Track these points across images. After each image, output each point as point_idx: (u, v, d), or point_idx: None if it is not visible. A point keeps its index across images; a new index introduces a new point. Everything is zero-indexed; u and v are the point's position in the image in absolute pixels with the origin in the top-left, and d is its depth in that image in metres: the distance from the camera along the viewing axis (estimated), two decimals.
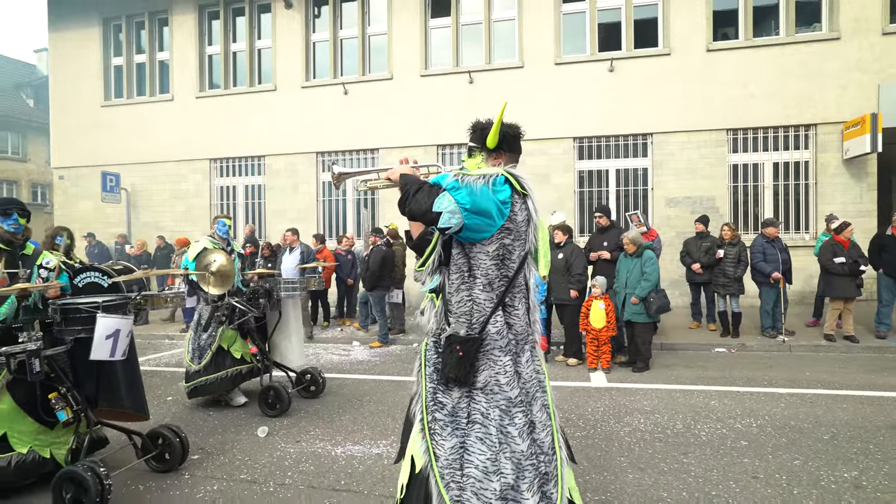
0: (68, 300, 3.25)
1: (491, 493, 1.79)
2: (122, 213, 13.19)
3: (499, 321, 1.93)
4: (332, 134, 12.02)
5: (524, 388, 1.93)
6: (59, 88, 13.96)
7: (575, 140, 10.91)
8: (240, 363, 4.99)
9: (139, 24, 13.45)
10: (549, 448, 1.90)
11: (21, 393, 3.15)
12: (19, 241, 3.46)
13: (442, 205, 1.87)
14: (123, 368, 3.49)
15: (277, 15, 12.36)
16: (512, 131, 2.18)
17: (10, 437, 3.14)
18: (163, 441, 3.51)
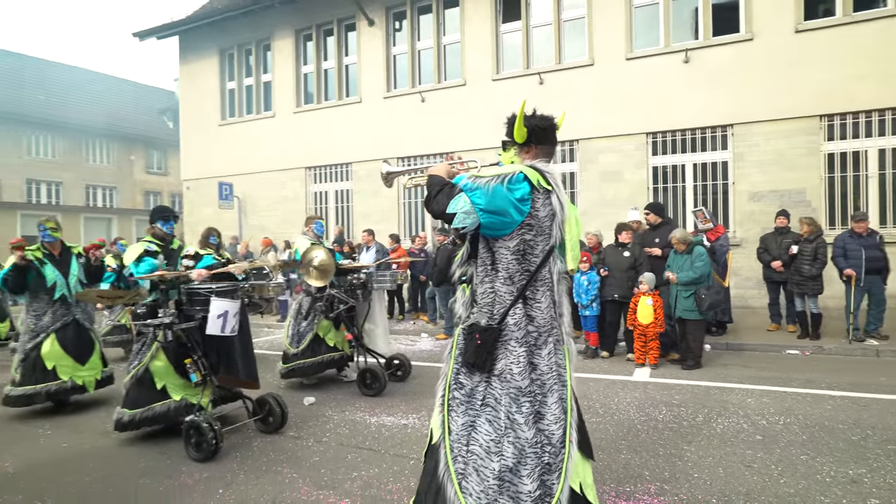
0: (192, 285, 3.99)
1: (490, 471, 1.90)
2: (234, 217, 15.03)
3: (517, 313, 2.01)
4: (410, 140, 12.79)
5: (539, 379, 1.99)
6: (187, 111, 16.24)
7: (648, 136, 10.65)
8: (332, 351, 5.51)
9: (248, 51, 15.24)
10: (559, 441, 1.95)
11: (172, 355, 4.03)
12: (170, 240, 4.45)
13: (457, 206, 1.97)
14: (240, 344, 4.10)
15: (361, 32, 13.40)
16: (542, 124, 2.20)
17: (168, 388, 4.02)
18: (268, 407, 4.15)
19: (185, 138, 16.32)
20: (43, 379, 4.78)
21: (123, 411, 3.97)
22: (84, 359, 4.99)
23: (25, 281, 4.81)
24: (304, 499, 3.03)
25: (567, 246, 2.10)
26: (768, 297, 8.11)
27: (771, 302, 8.01)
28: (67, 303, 4.98)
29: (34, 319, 4.92)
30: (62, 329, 4.92)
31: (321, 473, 3.36)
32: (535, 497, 1.88)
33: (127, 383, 4.04)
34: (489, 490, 1.89)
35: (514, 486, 1.88)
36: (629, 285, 6.35)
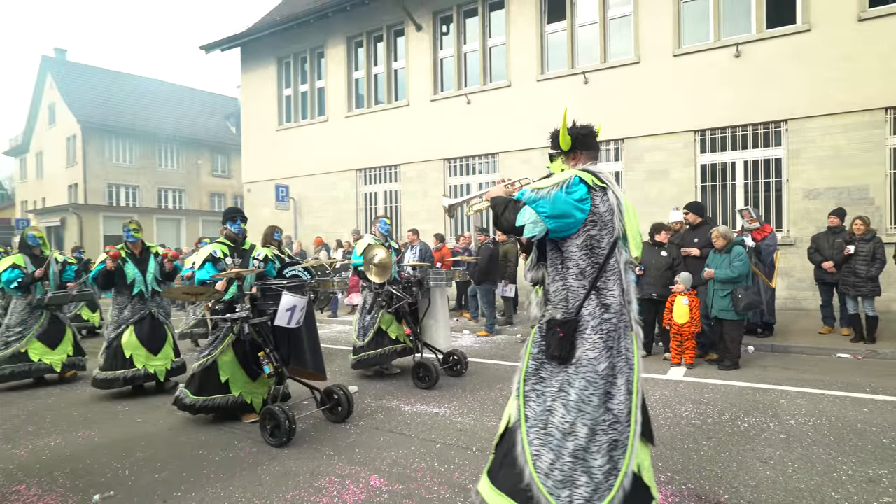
0: (266, 282, 4.33)
1: (565, 450, 2.04)
2: (290, 217, 15.85)
3: (592, 304, 2.15)
4: (456, 142, 13.08)
5: (612, 362, 2.12)
6: (247, 117, 17.26)
7: (696, 133, 10.43)
8: (394, 343, 5.77)
9: (303, 59, 16.02)
10: (625, 419, 2.09)
11: (240, 352, 4.31)
12: (240, 240, 4.72)
13: (524, 218, 2.18)
14: (307, 337, 4.28)
15: (410, 38, 13.81)
16: (584, 131, 2.38)
17: (230, 382, 4.32)
18: (336, 397, 4.35)
19: (245, 143, 17.36)
20: (122, 366, 5.29)
21: (186, 392, 4.34)
22: (157, 350, 5.46)
23: (113, 280, 5.37)
24: (339, 472, 3.36)
25: (629, 235, 2.23)
26: (820, 298, 7.81)
27: (823, 304, 7.71)
28: (144, 298, 5.47)
29: (117, 312, 5.48)
30: (139, 322, 5.43)
31: (355, 452, 3.69)
32: (604, 471, 2.02)
33: (195, 369, 4.38)
34: (564, 467, 2.03)
35: (587, 462, 2.02)
36: (666, 284, 6.35)
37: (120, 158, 27.21)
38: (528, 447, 2.09)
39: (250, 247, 4.78)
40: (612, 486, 2.01)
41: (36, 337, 6.02)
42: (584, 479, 2.01)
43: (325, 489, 3.16)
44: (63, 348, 6.17)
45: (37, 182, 30.12)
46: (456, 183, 13.40)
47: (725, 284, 5.77)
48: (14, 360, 5.88)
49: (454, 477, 3.27)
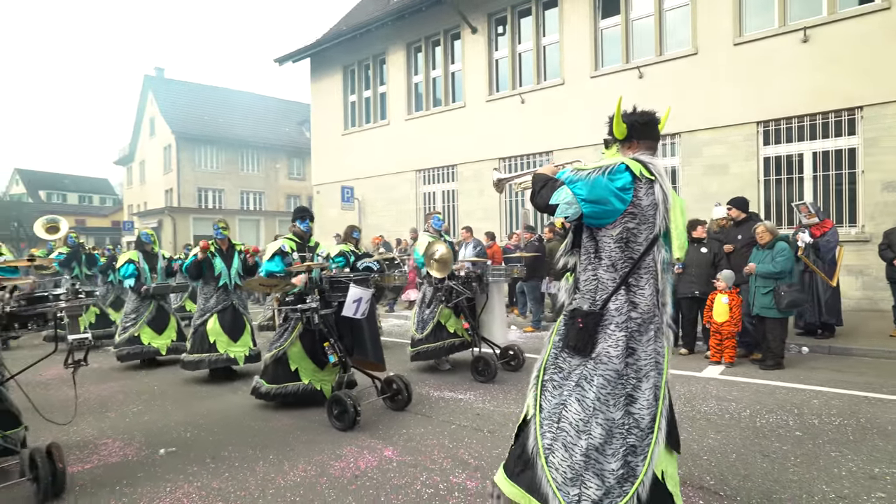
0: (334, 274, 4.63)
1: (577, 448, 1.98)
2: (355, 217, 16.69)
3: (620, 299, 2.06)
4: (511, 141, 13.25)
5: (636, 364, 2.03)
6: (316, 123, 18.35)
7: (759, 124, 9.95)
8: (453, 337, 5.86)
9: (366, 66, 16.81)
10: (647, 426, 1.99)
11: (307, 342, 4.55)
12: (307, 237, 4.98)
13: (559, 197, 2.06)
14: (369, 329, 4.51)
15: (466, 41, 14.13)
16: (642, 119, 2.25)
17: (300, 371, 4.59)
18: (395, 386, 4.53)
19: (315, 147, 18.47)
20: (206, 350, 5.76)
21: (262, 382, 4.64)
22: (236, 337, 5.89)
23: (202, 271, 5.86)
24: (359, 444, 3.77)
25: (672, 234, 2.12)
26: (893, 298, 7.28)
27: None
28: (228, 290, 5.91)
29: (204, 301, 5.96)
30: (222, 311, 5.86)
31: (378, 428, 4.08)
32: (618, 476, 1.94)
33: (268, 359, 4.66)
34: (575, 465, 1.96)
35: (600, 464, 1.95)
36: (708, 281, 6.24)
37: (208, 165, 29.73)
38: (541, 440, 2.05)
39: (315, 244, 5.07)
40: (626, 492, 1.94)
41: (146, 323, 6.78)
42: (594, 481, 1.94)
43: (344, 456, 3.58)
44: (168, 334, 6.90)
45: (140, 188, 33.53)
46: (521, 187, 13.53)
47: (767, 281, 5.61)
48: (130, 342, 6.69)
49: (459, 453, 3.57)
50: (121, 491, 3.16)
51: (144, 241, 7.12)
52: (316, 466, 3.43)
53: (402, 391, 4.51)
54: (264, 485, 3.19)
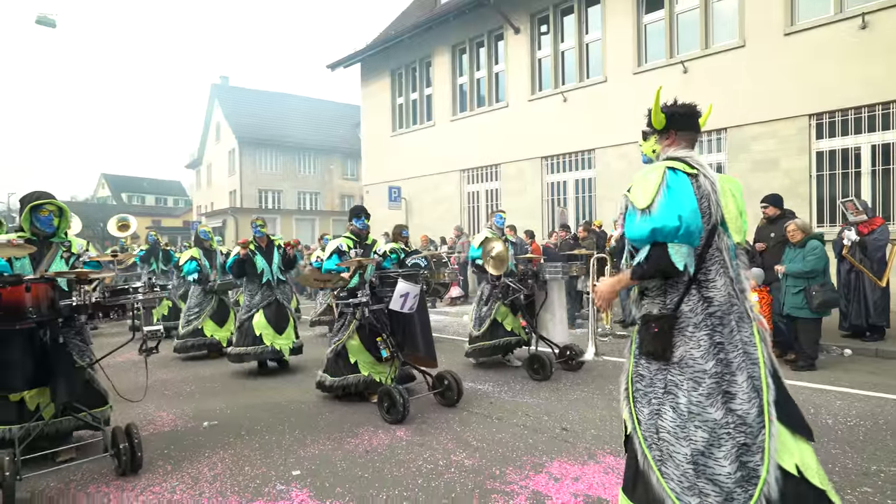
0: (384, 270, 4.79)
1: (682, 456, 1.91)
2: (402, 217, 17.19)
3: (692, 299, 1.99)
4: (553, 139, 13.27)
5: (725, 359, 1.95)
6: (366, 125, 19.02)
7: (812, 117, 9.51)
8: (509, 335, 5.86)
9: (413, 69, 17.26)
10: (755, 420, 1.89)
11: (364, 336, 4.66)
12: (364, 234, 5.09)
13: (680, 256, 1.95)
14: (421, 325, 4.62)
15: (509, 41, 14.26)
16: (681, 110, 2.18)
17: (359, 364, 4.68)
18: (446, 382, 4.57)
19: (364, 149, 19.15)
20: (252, 343, 5.99)
21: (325, 376, 4.76)
22: (281, 330, 6.10)
23: (244, 269, 6.06)
24: (376, 425, 4.13)
25: (727, 219, 2.04)
26: None
27: None
28: (271, 285, 6.14)
29: (249, 297, 6.20)
30: (267, 306, 6.08)
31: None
32: (736, 479, 1.85)
33: (329, 354, 4.80)
34: (687, 474, 1.89)
35: (711, 468, 1.87)
36: None
37: (268, 167, 31.34)
38: (649, 451, 1.99)
39: (372, 241, 5.17)
40: (751, 495, 1.83)
41: (209, 317, 7.18)
42: (711, 488, 1.85)
43: (360, 435, 3.93)
44: (228, 327, 7.23)
45: (207, 189, 35.77)
46: (553, 180, 13.59)
47: (798, 280, 5.48)
48: (193, 335, 7.12)
49: (465, 436, 3.83)
50: (168, 454, 3.65)
51: (203, 238, 7.60)
52: (334, 442, 3.79)
53: (452, 387, 4.54)
54: (286, 454, 3.59)
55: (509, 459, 3.40)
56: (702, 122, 2.25)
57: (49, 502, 2.99)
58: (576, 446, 3.59)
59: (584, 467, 3.23)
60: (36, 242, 3.52)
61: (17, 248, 3.26)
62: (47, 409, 3.32)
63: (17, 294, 2.94)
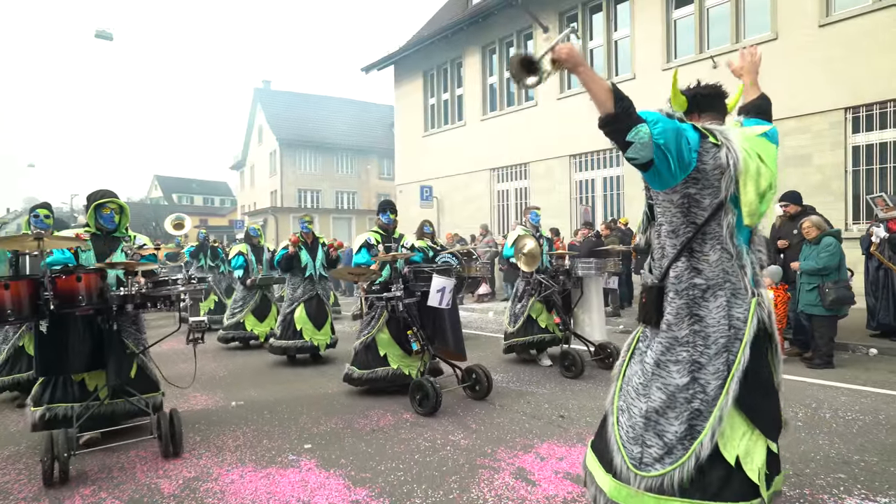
0: (416, 265, 4.84)
1: (636, 410, 2.02)
2: (433, 215, 17.52)
3: (679, 266, 2.02)
4: (581, 137, 13.24)
5: (703, 331, 1.96)
6: (399, 126, 19.45)
7: (847, 111, 9.24)
8: (544, 332, 5.79)
9: (444, 70, 17.53)
10: (714, 391, 1.93)
11: (394, 328, 4.74)
12: (391, 229, 5.19)
13: (638, 134, 1.84)
14: (450, 320, 4.66)
15: (538, 40, 14.35)
16: (705, 91, 2.19)
17: (388, 357, 4.73)
18: (475, 376, 4.62)
19: (398, 149, 19.58)
20: (293, 336, 6.18)
21: (353, 368, 4.80)
22: (320, 325, 6.28)
23: (292, 264, 6.29)
24: (386, 408, 4.43)
25: (742, 200, 1.98)
26: None
27: None
28: (313, 280, 6.32)
29: (291, 291, 6.38)
30: (308, 300, 6.28)
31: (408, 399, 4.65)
32: (680, 436, 1.94)
33: (357, 346, 4.84)
34: (636, 426, 2.00)
35: (661, 426, 1.97)
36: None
37: (307, 167, 32.35)
38: (617, 401, 2.12)
39: (399, 236, 5.25)
40: (687, 448, 1.91)
41: (251, 311, 7.48)
42: (655, 441, 1.96)
43: (370, 416, 4.24)
44: (268, 322, 7.49)
45: (250, 190, 37.20)
46: (581, 178, 13.61)
47: (812, 277, 5.45)
48: (236, 328, 7.46)
49: (465, 420, 4.08)
50: (198, 427, 4.06)
51: (252, 236, 7.93)
52: (345, 422, 4.12)
53: (481, 381, 4.58)
54: (301, 431, 3.94)
55: (502, 440, 3.63)
56: (731, 104, 2.25)
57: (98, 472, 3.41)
58: (568, 431, 3.78)
59: (572, 449, 3.42)
60: (100, 237, 3.82)
61: (69, 242, 3.63)
62: (103, 391, 3.55)
63: (70, 283, 3.21)
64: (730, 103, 2.26)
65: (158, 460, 3.41)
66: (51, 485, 3.03)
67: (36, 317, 3.22)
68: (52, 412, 3.47)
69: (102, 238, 3.85)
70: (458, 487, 2.93)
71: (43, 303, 3.17)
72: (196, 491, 2.98)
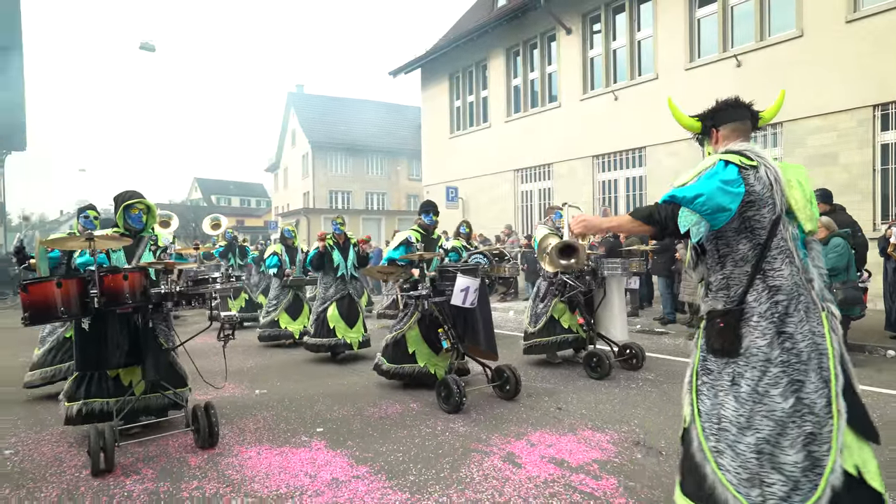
0: (444, 265, 4.98)
1: (745, 446, 1.88)
2: (459, 216, 17.78)
3: (757, 289, 1.98)
4: (604, 138, 13.32)
5: (794, 348, 1.92)
6: (426, 128, 19.80)
7: (876, 108, 9.05)
8: (566, 332, 5.75)
9: (470, 72, 17.78)
10: (822, 410, 1.86)
11: (423, 327, 4.83)
12: (431, 229, 5.28)
13: (687, 222, 1.95)
14: (482, 319, 4.69)
15: (561, 42, 14.43)
16: (713, 108, 2.18)
17: (416, 354, 4.85)
18: (505, 375, 4.63)
19: (424, 150, 19.94)
20: (326, 334, 6.33)
21: (383, 360, 4.99)
22: (352, 323, 6.41)
23: (323, 262, 6.42)
24: (395, 398, 4.73)
25: (795, 208, 2.01)
26: None
27: None
28: (345, 280, 6.47)
29: (324, 290, 6.52)
30: (340, 299, 6.41)
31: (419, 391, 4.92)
32: (802, 467, 1.83)
33: (388, 340, 5.00)
34: (747, 464, 1.88)
35: (776, 457, 1.85)
36: None
37: (338, 169, 33.16)
38: (706, 442, 1.97)
39: (438, 237, 5.35)
40: (816, 485, 1.81)
41: (284, 310, 7.70)
42: (776, 477, 1.84)
43: (380, 405, 4.55)
44: (301, 320, 7.68)
45: (284, 191, 38.31)
46: (604, 178, 13.63)
47: None
48: (271, 326, 7.68)
49: (468, 409, 4.32)
50: (223, 412, 4.42)
51: (287, 237, 8.17)
52: (356, 410, 4.44)
53: (510, 381, 4.58)
54: (315, 416, 4.28)
55: (498, 429, 3.87)
56: (772, 111, 2.24)
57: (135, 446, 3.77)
58: (562, 422, 3.98)
59: (562, 437, 3.64)
60: (129, 237, 3.88)
61: (116, 241, 3.75)
62: (139, 386, 3.68)
63: (116, 281, 3.33)
64: (769, 111, 2.24)
65: (189, 438, 3.76)
66: (98, 475, 3.17)
67: (84, 314, 3.35)
68: (88, 407, 3.60)
69: (131, 238, 3.93)
70: (450, 467, 3.20)
71: (90, 300, 3.28)
72: (218, 464, 3.34)
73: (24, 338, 6.35)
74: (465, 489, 2.93)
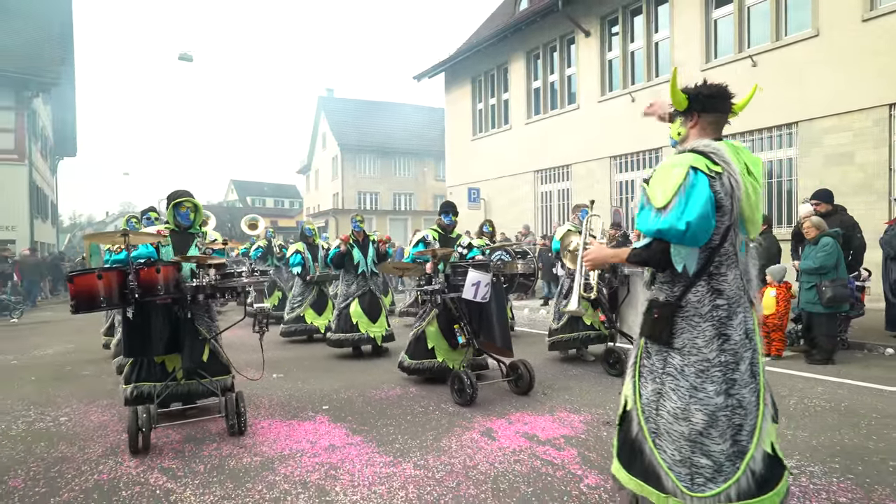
0: (457, 261, 4.98)
1: (678, 434, 2.02)
2: (481, 216, 18.13)
3: (700, 290, 2.04)
4: (622, 139, 13.47)
5: (732, 349, 2.02)
6: (450, 130, 20.22)
7: (892, 107, 9.00)
8: (589, 329, 5.85)
9: (491, 76, 18.13)
10: (750, 403, 2.00)
11: (442, 322, 4.93)
12: (450, 229, 5.38)
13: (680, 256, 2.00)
14: (498, 315, 4.73)
15: (580, 44, 14.64)
16: (707, 91, 2.14)
17: (436, 350, 4.96)
18: (518, 370, 4.69)
19: (448, 152, 20.38)
20: (349, 330, 6.45)
21: (405, 357, 5.14)
22: (375, 319, 6.54)
23: (344, 260, 6.56)
24: (397, 382, 5.17)
25: (746, 216, 2.07)
26: None
27: None
28: (366, 277, 6.59)
29: (346, 287, 6.64)
30: (362, 296, 6.55)
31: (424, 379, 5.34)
32: (728, 454, 1.98)
33: (411, 337, 5.17)
34: (682, 449, 2.01)
35: (707, 445, 1.99)
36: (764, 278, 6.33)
37: (366, 171, 33.99)
38: (645, 424, 2.10)
39: (457, 236, 5.42)
40: (738, 468, 1.97)
41: (310, 305, 7.89)
42: (705, 462, 1.99)
43: (382, 389, 5.00)
44: (326, 316, 7.83)
45: (315, 193, 39.41)
46: (621, 179, 13.78)
47: (811, 276, 5.62)
48: (297, 321, 7.87)
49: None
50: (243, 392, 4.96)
51: (307, 235, 8.28)
52: (359, 391, 4.90)
53: (524, 376, 4.66)
54: (322, 396, 4.76)
55: (484, 409, 4.25)
56: (741, 105, 2.21)
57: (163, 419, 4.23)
58: (544, 405, 4.33)
59: (539, 417, 3.99)
60: (178, 233, 4.07)
61: (150, 237, 3.93)
62: (179, 373, 3.89)
63: (151, 274, 3.53)
64: (739, 104, 2.21)
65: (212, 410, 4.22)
66: (136, 453, 3.40)
67: (123, 304, 3.55)
68: (139, 389, 3.88)
69: (180, 234, 4.09)
70: (433, 438, 3.61)
71: (129, 291, 3.46)
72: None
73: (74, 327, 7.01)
74: (441, 455, 3.33)
